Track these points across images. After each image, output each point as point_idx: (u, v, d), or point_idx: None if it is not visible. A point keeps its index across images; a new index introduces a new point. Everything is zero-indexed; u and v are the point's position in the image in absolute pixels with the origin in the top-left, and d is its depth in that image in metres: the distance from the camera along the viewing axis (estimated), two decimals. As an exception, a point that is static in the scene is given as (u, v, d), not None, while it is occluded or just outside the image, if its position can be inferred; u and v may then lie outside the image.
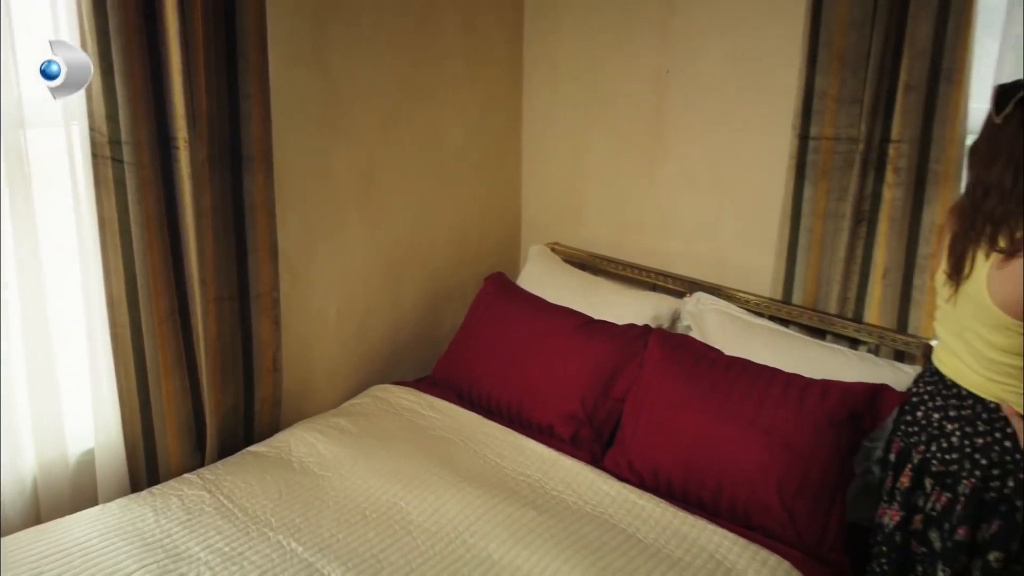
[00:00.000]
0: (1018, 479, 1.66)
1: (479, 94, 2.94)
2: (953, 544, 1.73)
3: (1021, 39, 2.04)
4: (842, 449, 2.01)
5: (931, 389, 1.82)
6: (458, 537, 1.96)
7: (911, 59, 2.10)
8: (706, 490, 2.09)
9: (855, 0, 2.14)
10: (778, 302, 2.49)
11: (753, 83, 2.50)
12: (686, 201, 2.75)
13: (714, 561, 1.88)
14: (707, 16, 2.56)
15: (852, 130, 2.25)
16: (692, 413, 2.17)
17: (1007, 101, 1.59)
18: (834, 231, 2.35)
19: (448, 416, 2.49)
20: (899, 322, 2.28)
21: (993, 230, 1.62)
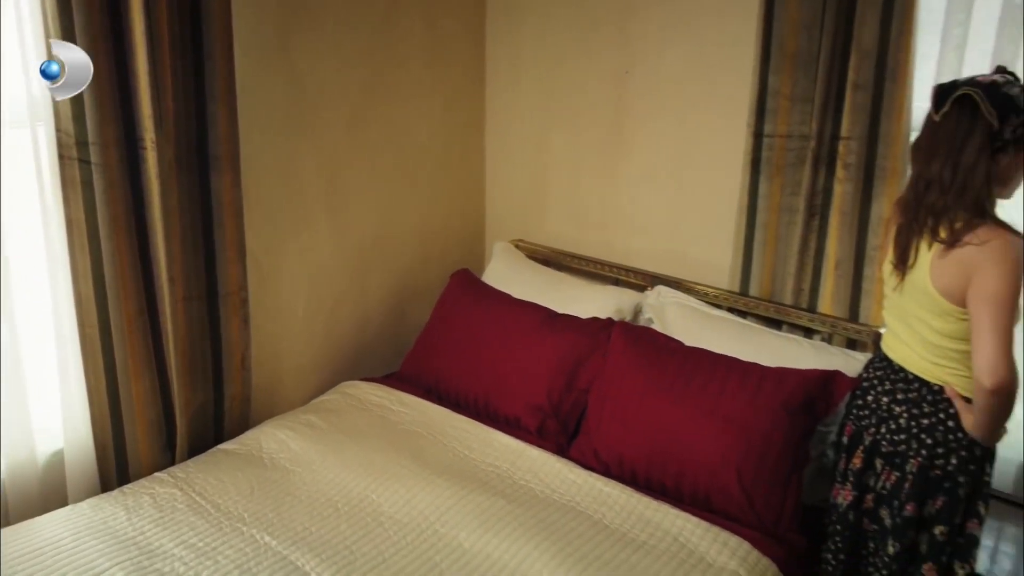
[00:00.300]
0: (960, 457, 1.76)
1: (442, 94, 2.98)
2: (902, 520, 1.82)
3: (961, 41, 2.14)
4: (797, 434, 2.10)
5: (880, 374, 1.91)
6: (429, 527, 2.01)
7: (858, 59, 2.19)
8: (669, 476, 2.16)
9: (805, 3, 2.23)
10: (736, 294, 2.57)
11: (709, 83, 2.58)
12: (646, 197, 2.82)
13: (677, 544, 1.95)
14: (664, 18, 2.64)
15: (804, 127, 2.33)
16: (654, 402, 2.24)
17: (945, 100, 1.68)
18: (788, 225, 2.44)
19: (417, 411, 2.53)
20: (851, 311, 2.38)
21: (935, 222, 1.71)
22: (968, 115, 1.64)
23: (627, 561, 1.88)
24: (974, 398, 1.69)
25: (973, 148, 1.63)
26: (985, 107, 1.61)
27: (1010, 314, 1.61)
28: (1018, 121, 1.62)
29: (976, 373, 1.63)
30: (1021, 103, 1.62)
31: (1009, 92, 1.62)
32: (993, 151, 1.64)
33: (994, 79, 1.65)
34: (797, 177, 2.38)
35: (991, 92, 1.62)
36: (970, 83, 1.66)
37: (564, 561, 1.87)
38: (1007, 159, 1.67)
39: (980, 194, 1.65)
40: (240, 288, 2.41)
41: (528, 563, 1.87)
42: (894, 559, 1.85)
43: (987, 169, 1.64)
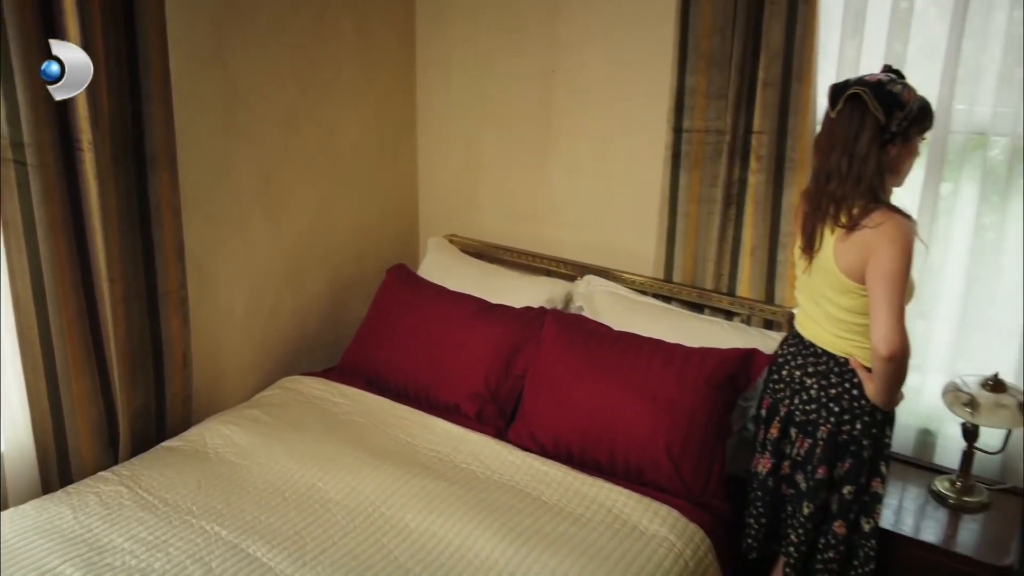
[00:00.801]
0: (864, 422, 1.93)
1: (374, 95, 3.05)
2: (814, 483, 1.99)
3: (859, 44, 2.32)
4: (720, 408, 2.25)
5: (793, 350, 2.07)
6: (376, 511, 2.09)
7: (767, 59, 2.35)
8: (602, 453, 2.29)
9: (717, 6, 2.38)
10: (660, 281, 2.71)
11: (632, 81, 2.71)
12: (574, 192, 2.95)
13: (612, 515, 2.08)
14: (588, 20, 2.76)
15: (719, 123, 2.49)
16: (587, 385, 2.36)
17: (838, 98, 1.84)
18: (708, 215, 2.59)
19: (358, 402, 2.60)
20: (767, 294, 2.54)
21: (835, 209, 1.87)
22: (859, 112, 1.80)
23: (565, 533, 2.00)
24: (872, 366, 1.86)
25: (865, 141, 1.79)
26: (872, 104, 1.77)
27: (901, 289, 1.78)
28: (902, 115, 1.78)
29: (873, 343, 1.80)
30: (904, 99, 1.79)
31: (892, 90, 1.79)
32: (883, 143, 1.80)
33: (880, 78, 1.81)
34: (714, 169, 2.53)
35: (877, 91, 1.78)
36: (860, 83, 1.81)
37: (506, 536, 1.97)
38: (896, 150, 1.84)
39: (873, 182, 1.82)
40: (180, 287, 2.43)
41: (472, 539, 1.97)
42: (809, 519, 2.01)
43: (878, 159, 1.81)
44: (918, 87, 1.86)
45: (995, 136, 2.23)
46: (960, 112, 2.24)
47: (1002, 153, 2.22)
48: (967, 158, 2.29)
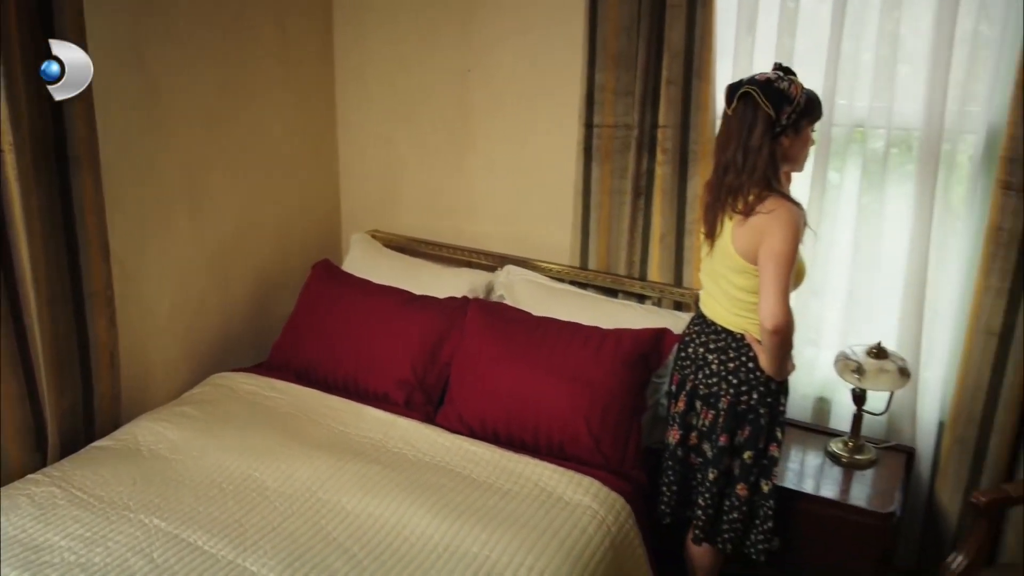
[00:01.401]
0: (760, 391, 2.11)
1: (294, 94, 3.10)
2: (718, 450, 2.16)
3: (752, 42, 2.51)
4: (635, 385, 2.41)
5: (697, 328, 2.24)
6: (312, 496, 2.17)
7: (670, 59, 2.52)
8: (527, 431, 2.42)
9: (622, 9, 2.53)
10: (576, 268, 2.86)
11: (544, 80, 2.85)
12: (492, 186, 3.07)
13: (539, 488, 2.22)
14: (502, 21, 2.88)
15: (627, 118, 2.64)
16: (510, 368, 2.49)
17: (733, 97, 2.01)
18: (619, 205, 2.74)
19: (289, 394, 2.67)
20: (675, 278, 2.72)
21: (733, 198, 2.04)
22: (752, 109, 1.97)
23: (496, 507, 2.13)
24: (761, 339, 2.05)
25: (758, 135, 1.97)
26: (763, 102, 1.94)
27: (788, 270, 1.96)
28: (790, 109, 1.96)
29: (760, 318, 1.98)
30: (791, 95, 1.96)
31: (780, 87, 1.96)
32: (775, 136, 1.98)
33: (769, 77, 1.98)
34: (624, 162, 2.69)
35: (766, 88, 1.96)
36: (751, 82, 1.98)
37: (439, 512, 2.09)
38: (789, 140, 2.02)
39: (767, 172, 1.99)
40: (105, 287, 2.45)
41: (407, 517, 2.07)
42: (714, 483, 2.19)
43: (771, 151, 1.98)
44: (805, 83, 2.05)
45: (872, 128, 2.45)
46: (842, 106, 2.45)
47: (880, 143, 2.44)
48: (849, 148, 2.51)
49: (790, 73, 2.03)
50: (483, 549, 1.96)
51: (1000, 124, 2.20)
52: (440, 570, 1.90)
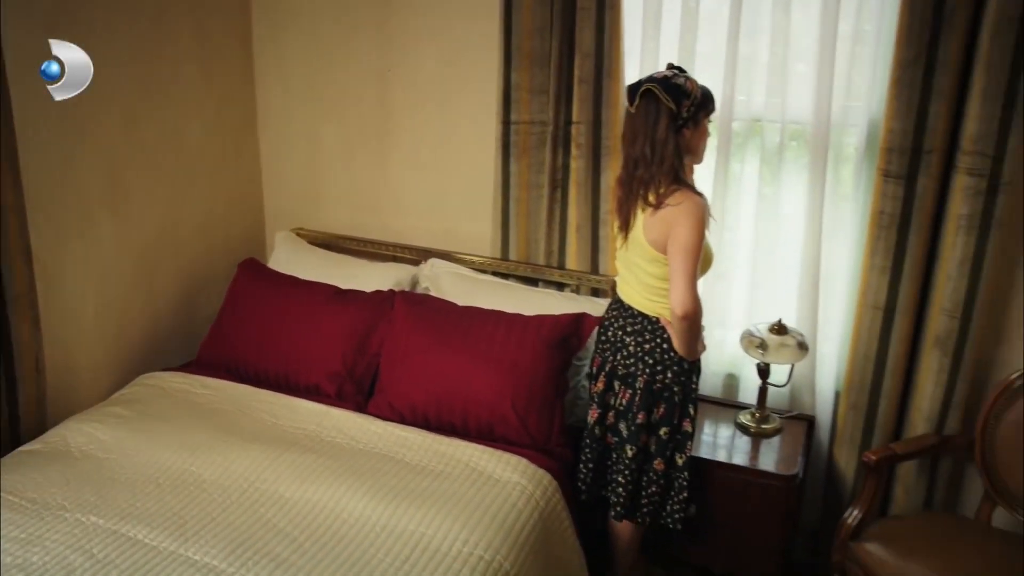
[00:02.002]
0: (673, 371, 2.27)
1: (214, 94, 3.12)
2: (635, 427, 2.31)
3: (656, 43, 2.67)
4: (557, 367, 2.54)
5: (615, 313, 2.39)
6: (250, 486, 2.23)
7: (581, 59, 2.65)
8: (456, 415, 2.53)
9: (536, 11, 2.65)
10: (498, 260, 2.98)
11: (463, 79, 2.95)
12: (415, 182, 3.16)
13: (469, 468, 2.33)
14: (420, 22, 2.97)
15: (543, 115, 2.77)
16: (437, 356, 2.59)
17: (635, 95, 2.16)
18: (537, 198, 2.87)
19: (220, 391, 2.70)
20: (592, 265, 2.86)
21: (645, 190, 2.18)
22: (654, 104, 2.12)
23: (429, 488, 2.23)
24: (672, 323, 2.21)
25: (662, 128, 2.12)
26: (664, 97, 2.10)
27: (695, 259, 2.12)
28: (689, 103, 2.11)
29: (670, 304, 2.14)
30: (688, 89, 2.11)
31: (678, 83, 2.11)
32: (677, 128, 2.13)
33: (666, 74, 2.13)
34: (540, 157, 2.82)
35: (666, 85, 2.11)
36: (651, 80, 2.13)
37: (376, 495, 2.18)
38: (689, 133, 2.17)
39: (674, 163, 2.15)
40: (28, 290, 2.44)
41: (345, 501, 2.16)
42: (632, 459, 2.33)
43: (676, 142, 2.13)
44: (706, 82, 2.22)
45: (769, 122, 2.63)
46: (741, 102, 2.63)
47: (775, 135, 2.63)
48: (748, 141, 2.70)
49: (683, 71, 2.18)
50: (419, 526, 2.06)
51: (879, 117, 2.42)
52: (379, 548, 2.00)
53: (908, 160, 2.36)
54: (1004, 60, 2.19)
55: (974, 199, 2.32)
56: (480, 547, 2.01)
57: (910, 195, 2.39)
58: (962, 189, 2.33)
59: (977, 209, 2.33)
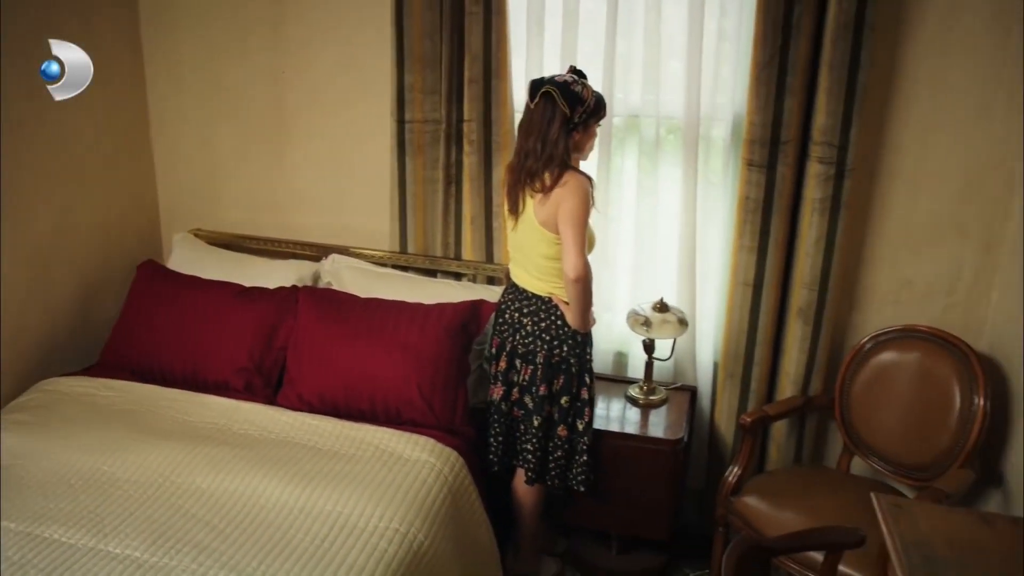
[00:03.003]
0: (568, 344, 2.47)
1: (104, 97, 3.09)
2: (539, 399, 2.50)
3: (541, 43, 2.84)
4: (459, 351, 2.70)
5: (511, 296, 2.56)
6: (166, 481, 2.28)
7: (470, 60, 2.80)
8: (364, 401, 2.64)
9: (426, 15, 2.78)
10: (397, 253, 3.10)
11: (359, 80, 3.05)
12: (312, 181, 3.24)
13: (380, 450, 2.45)
14: (314, 24, 3.05)
15: (435, 114, 2.91)
16: (343, 346, 2.70)
17: (535, 93, 2.33)
18: (432, 193, 3.01)
19: (126, 392, 2.73)
20: (487, 255, 3.02)
21: (531, 180, 2.36)
22: (551, 105, 2.29)
23: (343, 471, 2.34)
24: (566, 291, 2.38)
25: (555, 129, 2.30)
26: (561, 101, 2.28)
27: (582, 227, 2.31)
28: (582, 109, 2.30)
29: (564, 271, 2.33)
30: (583, 97, 2.30)
31: (575, 89, 2.30)
32: (568, 130, 2.32)
33: (566, 79, 2.31)
34: (435, 154, 2.95)
35: (564, 90, 2.29)
36: (551, 82, 2.30)
37: (291, 481, 2.27)
38: (579, 135, 2.36)
39: (562, 160, 2.33)
40: (-79, 299, 2.41)
41: (262, 488, 2.25)
42: (539, 429, 2.52)
43: (565, 143, 2.32)
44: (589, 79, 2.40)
45: (646, 117, 2.86)
46: (619, 99, 2.84)
47: (652, 130, 2.86)
48: (628, 136, 2.91)
49: (583, 76, 2.37)
50: (336, 506, 2.18)
51: (742, 112, 2.67)
52: (299, 529, 2.10)
53: (768, 150, 2.62)
54: (844, 61, 2.47)
55: (825, 184, 2.60)
56: (395, 521, 2.14)
57: (771, 182, 2.66)
58: (815, 175, 2.61)
59: (828, 193, 2.61)
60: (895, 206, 2.73)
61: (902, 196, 2.72)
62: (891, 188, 2.72)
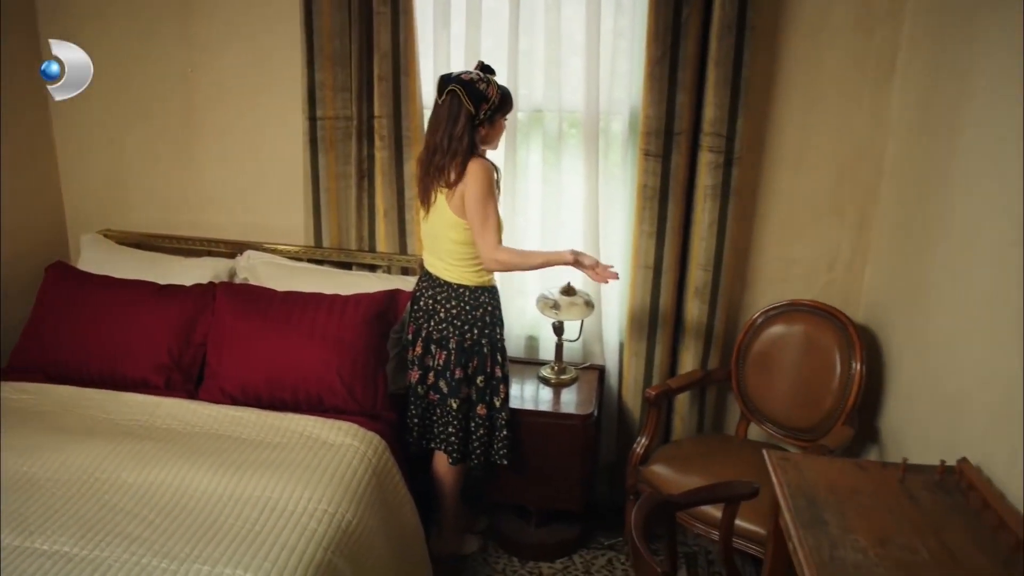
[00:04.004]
0: (479, 327, 2.60)
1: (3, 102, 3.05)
2: (455, 382, 2.62)
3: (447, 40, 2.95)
4: (377, 339, 2.79)
5: (425, 284, 2.67)
6: (90, 477, 2.30)
7: (380, 58, 2.89)
8: (287, 391, 2.71)
9: (335, 16, 2.86)
10: (312, 248, 3.17)
11: (268, 77, 3.10)
12: (224, 179, 3.27)
13: (304, 437, 2.53)
14: (222, 23, 3.08)
15: (347, 111, 2.99)
16: (263, 339, 2.76)
17: (443, 90, 2.44)
18: (345, 188, 3.09)
19: (40, 394, 2.71)
20: (400, 247, 3.13)
21: (439, 175, 2.48)
22: (457, 103, 2.41)
23: (269, 458, 2.41)
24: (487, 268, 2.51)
25: (461, 124, 2.42)
26: (466, 100, 2.40)
27: (491, 208, 2.43)
28: (487, 106, 2.42)
29: (482, 254, 2.45)
30: (488, 95, 2.42)
31: (480, 88, 2.42)
32: (474, 126, 2.44)
33: (472, 77, 2.43)
34: (347, 150, 3.04)
35: (469, 88, 2.41)
36: (458, 80, 2.42)
37: (219, 470, 2.33)
38: (485, 129, 2.49)
39: (467, 154, 2.45)
40: None
41: (189, 479, 2.29)
42: (458, 411, 2.65)
43: (471, 138, 2.44)
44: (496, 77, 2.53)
45: (548, 112, 3.00)
46: (523, 95, 2.98)
47: (554, 125, 3.01)
48: (532, 130, 3.06)
49: (490, 72, 2.49)
50: (265, 492, 2.25)
51: (638, 105, 2.85)
52: (229, 515, 2.16)
53: (663, 141, 2.81)
54: (728, 58, 2.68)
55: (715, 172, 2.80)
56: (323, 502, 2.22)
57: (666, 171, 2.85)
58: (706, 164, 2.81)
59: (719, 180, 2.82)
60: (779, 191, 2.97)
61: (785, 182, 2.96)
62: (775, 175, 2.96)
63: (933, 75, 2.50)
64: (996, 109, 2.06)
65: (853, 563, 1.65)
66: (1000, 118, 2.02)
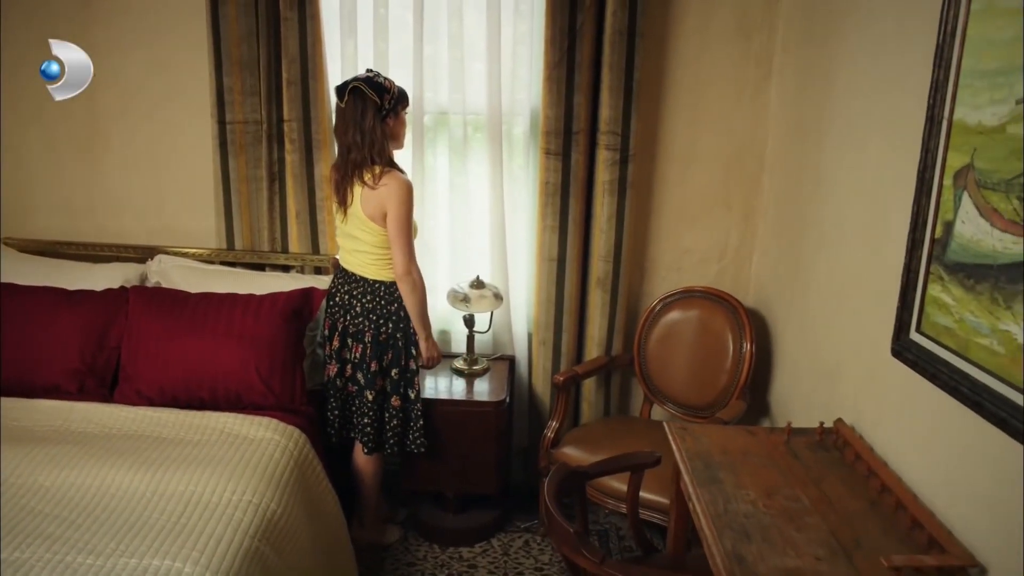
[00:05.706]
0: (393, 321, 2.70)
1: None
2: (371, 374, 2.71)
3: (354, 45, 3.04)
4: (294, 336, 2.85)
5: (341, 280, 2.76)
6: (4, 483, 2.27)
7: (288, 63, 2.96)
8: (205, 390, 2.75)
9: (242, 21, 2.91)
10: (224, 250, 3.20)
11: (175, 82, 3.13)
12: (131, 184, 3.27)
13: (225, 434, 2.58)
14: (124, 28, 3.09)
15: (256, 115, 3.04)
16: (179, 340, 2.78)
17: (343, 93, 2.54)
18: (256, 191, 3.14)
19: (-55, 404, 2.66)
20: (313, 247, 3.19)
21: (360, 171, 2.57)
22: (361, 99, 2.51)
23: (191, 455, 2.44)
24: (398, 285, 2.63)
25: (370, 118, 2.52)
26: (369, 92, 2.50)
27: (408, 228, 2.56)
28: (389, 96, 2.53)
29: (397, 268, 2.57)
30: (387, 86, 2.53)
31: (378, 80, 2.53)
32: (382, 119, 2.54)
33: (368, 75, 2.54)
34: (257, 153, 3.09)
35: (370, 82, 2.52)
36: (356, 80, 2.53)
37: (139, 469, 2.34)
38: (392, 122, 2.59)
39: (382, 147, 2.55)
40: None
41: (109, 479, 2.30)
42: (373, 402, 2.74)
43: (382, 130, 2.54)
44: (399, 80, 2.64)
45: (454, 115, 3.13)
46: (429, 98, 3.09)
47: (459, 127, 3.14)
48: (438, 133, 3.18)
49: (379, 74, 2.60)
50: (188, 486, 2.28)
51: (539, 107, 3.00)
52: (153, 510, 2.19)
53: (562, 140, 2.98)
54: (620, 63, 2.87)
55: (612, 168, 2.99)
56: (248, 494, 2.28)
57: (567, 168, 3.02)
58: (604, 161, 2.99)
59: (616, 176, 3.00)
60: (672, 185, 3.18)
61: (677, 176, 3.17)
62: (668, 170, 3.17)
63: (803, 77, 2.75)
64: (853, 107, 2.30)
65: (744, 513, 1.84)
66: (856, 116, 2.27)
